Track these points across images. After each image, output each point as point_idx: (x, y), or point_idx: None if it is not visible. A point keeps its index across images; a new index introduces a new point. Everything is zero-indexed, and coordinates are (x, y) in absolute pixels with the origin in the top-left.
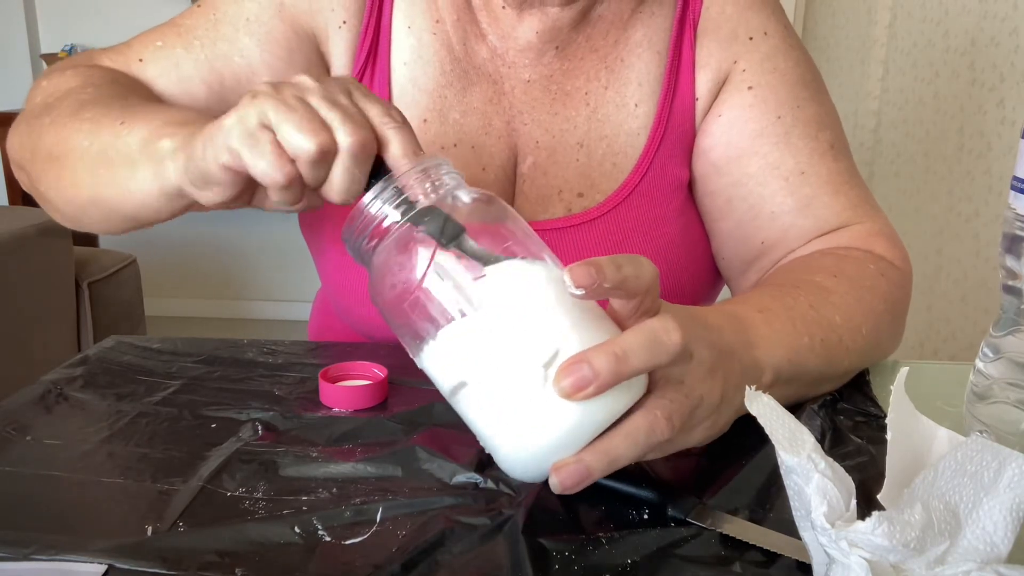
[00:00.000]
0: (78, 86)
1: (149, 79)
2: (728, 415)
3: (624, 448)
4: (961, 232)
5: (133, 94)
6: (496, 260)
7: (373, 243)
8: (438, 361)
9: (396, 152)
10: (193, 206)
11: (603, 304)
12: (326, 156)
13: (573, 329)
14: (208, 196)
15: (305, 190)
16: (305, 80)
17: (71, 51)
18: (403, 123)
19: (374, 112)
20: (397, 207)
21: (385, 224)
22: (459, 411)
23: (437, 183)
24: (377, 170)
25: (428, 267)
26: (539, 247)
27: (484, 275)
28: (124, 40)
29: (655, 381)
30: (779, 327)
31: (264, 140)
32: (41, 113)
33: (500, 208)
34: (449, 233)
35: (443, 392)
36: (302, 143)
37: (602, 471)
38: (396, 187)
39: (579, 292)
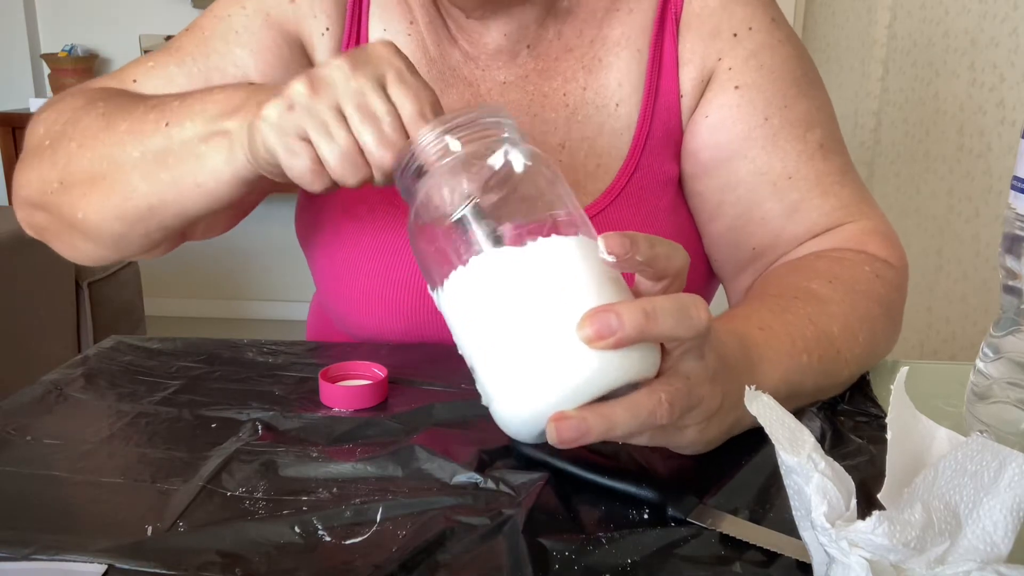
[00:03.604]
0: (85, 104)
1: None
2: (717, 430)
3: (624, 419)
4: (961, 232)
5: (147, 98)
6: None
7: (417, 178)
8: (462, 292)
9: None
10: (262, 185)
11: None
12: (364, 182)
13: (602, 286)
14: (276, 179)
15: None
16: (337, 77)
17: (71, 51)
18: (435, 121)
19: (406, 114)
20: (445, 146)
21: (432, 160)
22: (465, 355)
23: (489, 130)
24: None
25: (470, 201)
26: (581, 219)
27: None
28: (123, 39)
29: (664, 370)
30: (778, 346)
31: (303, 155)
32: (55, 141)
33: (551, 172)
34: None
35: (457, 330)
36: (341, 173)
37: (599, 434)
38: (451, 127)
39: (611, 259)
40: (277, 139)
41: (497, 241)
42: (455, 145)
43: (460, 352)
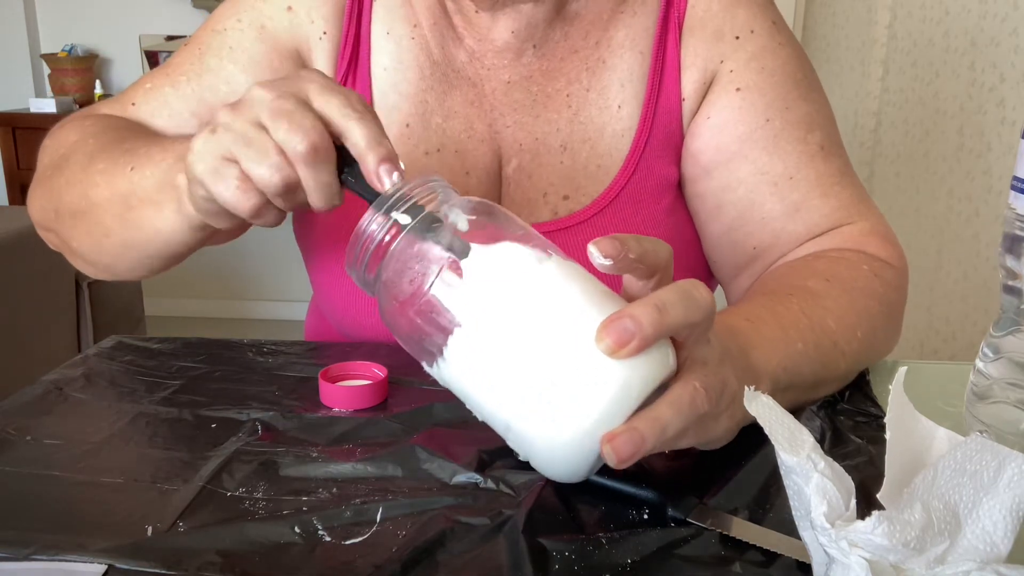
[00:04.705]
0: (79, 139)
1: (144, 120)
2: (741, 412)
3: (670, 416)
4: (961, 232)
5: (131, 135)
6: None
7: (375, 265)
8: (467, 353)
9: (356, 141)
10: (220, 234)
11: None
12: (289, 184)
13: (600, 301)
14: (222, 224)
15: (280, 211)
16: (256, 94)
17: (71, 51)
18: (363, 112)
19: (334, 107)
20: (395, 223)
21: (385, 241)
22: (486, 414)
23: (429, 194)
24: (350, 165)
25: (440, 269)
26: (545, 244)
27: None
28: (123, 39)
29: (682, 362)
30: (769, 335)
31: (229, 175)
32: (53, 173)
33: (500, 214)
34: (457, 246)
35: (468, 397)
36: (263, 178)
37: (654, 440)
38: (390, 204)
39: (607, 262)
40: (205, 166)
41: (483, 292)
42: (404, 218)
43: (481, 418)
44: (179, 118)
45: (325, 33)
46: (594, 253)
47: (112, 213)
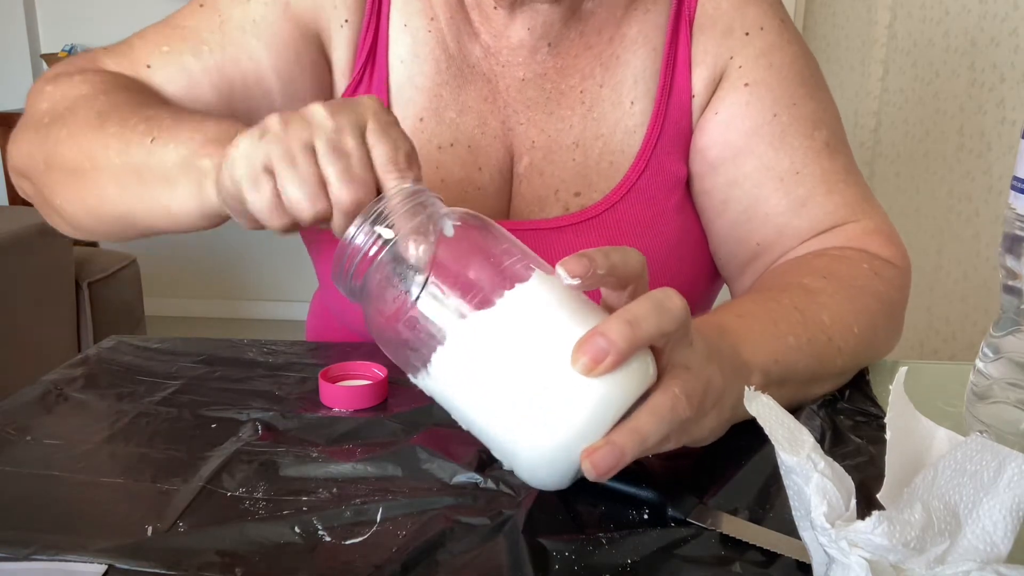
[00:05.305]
0: (88, 94)
1: (157, 85)
2: (729, 408)
3: (650, 425)
4: (961, 232)
5: (149, 103)
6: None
7: (361, 277)
8: (450, 369)
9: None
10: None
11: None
12: (320, 219)
13: (578, 314)
14: (245, 226)
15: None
16: (316, 115)
17: (71, 51)
18: (406, 170)
19: (379, 156)
20: (380, 237)
21: (371, 255)
22: (471, 425)
23: (416, 208)
24: None
25: (425, 281)
26: (528, 258)
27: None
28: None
29: (663, 368)
30: (760, 329)
31: (265, 187)
32: (52, 122)
33: (486, 226)
34: (439, 260)
35: (453, 407)
36: (298, 205)
37: (633, 451)
38: (376, 217)
39: (575, 282)
40: (244, 170)
41: (465, 309)
42: (388, 233)
43: (466, 428)
44: (197, 88)
45: (347, 21)
46: (562, 275)
47: (116, 180)
